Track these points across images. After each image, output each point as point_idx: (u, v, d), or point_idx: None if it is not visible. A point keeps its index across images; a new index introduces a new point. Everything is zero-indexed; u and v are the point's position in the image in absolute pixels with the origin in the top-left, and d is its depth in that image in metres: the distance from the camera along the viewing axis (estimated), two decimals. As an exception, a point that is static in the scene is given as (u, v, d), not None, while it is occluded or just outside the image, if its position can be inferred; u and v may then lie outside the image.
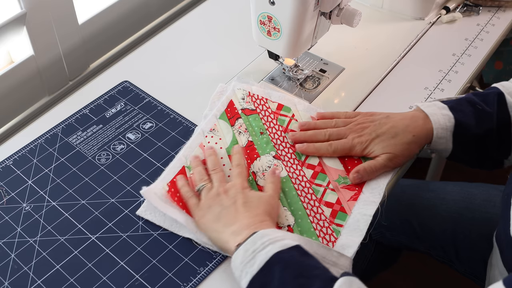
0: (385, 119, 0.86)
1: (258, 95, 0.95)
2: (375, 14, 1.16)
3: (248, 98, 0.95)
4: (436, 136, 0.84)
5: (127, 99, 0.98)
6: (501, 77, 1.51)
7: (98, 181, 0.85)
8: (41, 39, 0.98)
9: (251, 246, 0.68)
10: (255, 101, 0.94)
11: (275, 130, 0.90)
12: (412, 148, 0.85)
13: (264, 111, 0.93)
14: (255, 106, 0.94)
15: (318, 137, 0.88)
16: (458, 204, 1.05)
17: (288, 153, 0.87)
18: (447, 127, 0.84)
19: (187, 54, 1.08)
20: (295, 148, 0.88)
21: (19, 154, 0.89)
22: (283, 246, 0.67)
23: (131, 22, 1.15)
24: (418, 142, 0.85)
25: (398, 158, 0.84)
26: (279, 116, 0.93)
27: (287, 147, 0.88)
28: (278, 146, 0.88)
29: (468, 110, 0.85)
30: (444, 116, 0.85)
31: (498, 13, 1.16)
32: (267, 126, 0.91)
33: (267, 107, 0.94)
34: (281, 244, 0.67)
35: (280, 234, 0.70)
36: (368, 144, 0.85)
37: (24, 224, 0.80)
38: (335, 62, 1.05)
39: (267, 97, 0.95)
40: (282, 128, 0.91)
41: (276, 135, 0.90)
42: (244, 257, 0.68)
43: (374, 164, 0.83)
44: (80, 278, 0.74)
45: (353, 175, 0.83)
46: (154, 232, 0.79)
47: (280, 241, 0.68)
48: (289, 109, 0.94)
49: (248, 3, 0.91)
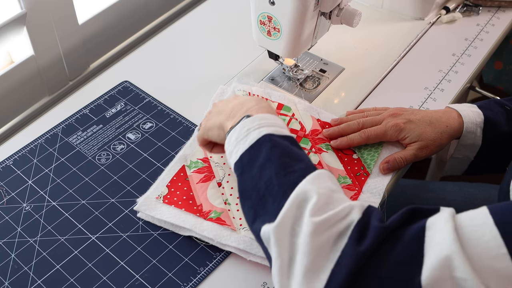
0: (418, 110, 0.88)
1: (258, 95, 0.95)
2: (375, 14, 1.16)
3: None
4: (466, 130, 0.85)
5: (127, 99, 0.98)
6: (501, 77, 1.50)
7: (98, 181, 0.85)
8: (41, 39, 0.98)
9: (247, 125, 0.70)
10: None
11: None
12: (443, 139, 0.85)
13: None
14: None
15: (352, 127, 0.88)
16: (459, 204, 1.05)
17: None
18: (476, 122, 0.85)
19: (187, 54, 1.08)
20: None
21: (19, 154, 0.89)
22: (277, 132, 0.69)
23: (131, 22, 1.16)
24: (450, 133, 0.85)
25: (429, 148, 0.85)
26: (279, 115, 0.93)
27: None
28: None
29: (497, 109, 0.87)
30: (473, 112, 0.86)
31: (498, 13, 1.16)
32: None
33: None
34: (276, 129, 0.69)
35: (280, 123, 0.71)
36: (403, 128, 0.85)
37: (24, 224, 0.80)
38: (335, 62, 1.05)
39: (267, 97, 0.95)
40: None
41: None
42: (239, 134, 0.70)
43: (404, 155, 0.84)
44: (80, 278, 0.74)
45: (383, 165, 0.84)
46: (154, 232, 0.79)
47: (276, 127, 0.69)
48: (289, 108, 0.94)
49: (248, 3, 0.91)
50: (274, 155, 0.66)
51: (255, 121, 0.70)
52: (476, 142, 0.86)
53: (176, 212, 0.79)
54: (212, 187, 0.83)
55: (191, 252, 0.77)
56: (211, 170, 0.85)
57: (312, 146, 0.88)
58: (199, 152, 0.87)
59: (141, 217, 0.80)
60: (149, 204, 0.80)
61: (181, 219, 0.78)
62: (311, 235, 0.58)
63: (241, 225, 0.78)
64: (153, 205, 0.80)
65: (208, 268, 0.75)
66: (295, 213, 0.60)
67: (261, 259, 0.75)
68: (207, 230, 0.77)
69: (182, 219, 0.78)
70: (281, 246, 0.59)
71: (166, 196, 0.81)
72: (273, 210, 0.62)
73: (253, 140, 0.68)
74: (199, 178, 0.84)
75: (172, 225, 0.79)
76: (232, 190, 0.82)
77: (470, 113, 0.86)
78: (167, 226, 0.79)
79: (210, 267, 0.75)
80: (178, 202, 0.80)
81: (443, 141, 0.85)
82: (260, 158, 0.66)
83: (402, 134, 0.85)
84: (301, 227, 0.59)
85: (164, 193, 0.82)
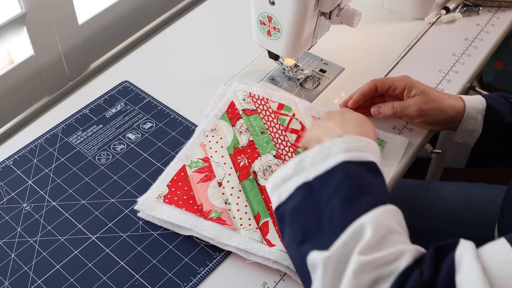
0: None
1: (259, 95, 0.95)
2: (375, 14, 1.16)
3: (249, 98, 0.95)
4: (467, 115, 0.86)
5: (127, 99, 0.98)
6: (501, 77, 1.50)
7: (98, 181, 0.85)
8: (41, 39, 0.98)
9: (328, 147, 0.68)
10: (255, 101, 0.95)
11: (275, 130, 0.90)
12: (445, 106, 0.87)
13: (264, 111, 0.93)
14: (255, 106, 0.94)
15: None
16: (459, 204, 1.05)
17: (289, 152, 0.87)
18: (478, 108, 0.86)
19: (187, 54, 1.08)
20: (296, 147, 0.88)
21: (19, 154, 0.89)
22: (356, 158, 0.68)
23: (131, 22, 1.15)
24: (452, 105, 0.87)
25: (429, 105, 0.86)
26: (280, 115, 0.93)
27: (288, 146, 0.88)
28: (278, 145, 0.88)
29: (501, 100, 0.88)
30: (476, 98, 0.87)
31: (498, 13, 1.16)
32: (268, 126, 0.91)
33: (268, 107, 0.94)
34: (356, 155, 0.68)
35: (367, 146, 0.70)
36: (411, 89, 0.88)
37: (24, 224, 0.80)
38: (335, 62, 1.05)
39: (268, 97, 0.95)
40: (282, 127, 0.91)
41: (276, 134, 0.90)
42: (318, 154, 0.69)
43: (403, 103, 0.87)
44: (80, 278, 0.74)
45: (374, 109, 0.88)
46: (154, 232, 0.79)
47: (358, 152, 0.68)
48: (289, 108, 0.94)
49: (248, 3, 0.91)
50: (345, 185, 0.64)
51: (338, 144, 0.69)
52: (476, 129, 0.87)
53: (177, 212, 0.79)
54: (213, 186, 0.83)
55: (191, 252, 0.77)
56: (211, 170, 0.85)
57: None
58: (199, 152, 0.87)
59: (142, 217, 0.80)
60: (150, 204, 0.80)
61: (182, 219, 0.78)
62: (354, 274, 0.57)
63: (241, 225, 0.78)
64: (153, 204, 0.80)
65: (208, 268, 0.75)
66: (347, 248, 0.59)
67: (261, 259, 0.75)
68: (208, 230, 0.77)
69: (183, 219, 0.78)
70: (326, 277, 0.59)
71: (166, 196, 0.81)
72: (328, 239, 0.61)
73: (329, 166, 0.67)
74: (199, 178, 0.84)
75: (172, 225, 0.79)
76: (232, 190, 0.82)
77: (472, 98, 0.87)
78: (168, 226, 0.79)
79: (210, 267, 0.75)
80: (179, 202, 0.80)
81: (444, 107, 0.86)
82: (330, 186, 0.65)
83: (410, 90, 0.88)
84: (348, 264, 0.58)
85: (165, 192, 0.82)
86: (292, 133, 0.90)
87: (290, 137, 0.90)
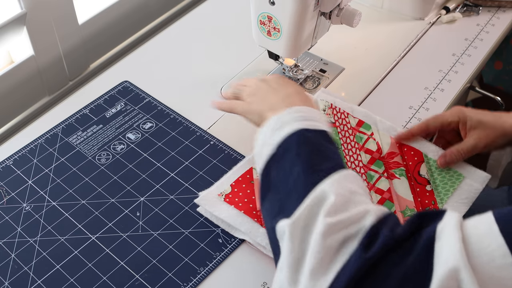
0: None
1: (340, 108, 0.91)
2: (375, 14, 1.16)
3: (329, 110, 0.90)
4: None
5: (127, 99, 0.98)
6: (501, 77, 1.50)
7: (98, 181, 0.85)
8: (41, 39, 0.98)
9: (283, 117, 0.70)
10: (335, 114, 0.90)
11: (350, 147, 0.86)
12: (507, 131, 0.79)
13: (343, 125, 0.89)
14: (334, 120, 0.90)
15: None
16: None
17: (359, 172, 0.83)
18: None
19: (187, 54, 1.08)
20: (367, 168, 0.83)
21: (19, 154, 0.89)
22: (311, 126, 0.69)
23: (131, 22, 1.15)
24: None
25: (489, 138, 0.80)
26: (358, 132, 0.88)
27: (359, 166, 0.84)
28: (350, 163, 0.84)
29: None
30: None
31: (498, 13, 1.16)
32: (343, 142, 0.87)
33: (347, 121, 0.89)
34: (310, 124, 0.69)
35: (317, 116, 0.71)
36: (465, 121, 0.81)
37: (24, 224, 0.80)
38: (335, 62, 1.05)
39: (349, 112, 0.90)
40: (358, 146, 0.86)
41: (350, 152, 0.86)
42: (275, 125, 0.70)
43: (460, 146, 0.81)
44: (80, 278, 0.74)
45: (440, 160, 0.82)
46: (154, 232, 0.79)
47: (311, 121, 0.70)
48: (369, 126, 0.89)
49: (248, 3, 0.91)
50: (305, 151, 0.66)
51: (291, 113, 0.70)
52: None
53: (235, 213, 0.78)
54: None
55: (191, 252, 0.77)
56: None
57: (385, 170, 0.83)
58: None
59: (201, 212, 0.80)
60: (210, 200, 0.79)
61: (238, 221, 0.77)
62: (323, 235, 0.57)
63: None
64: (213, 201, 0.79)
65: (208, 268, 0.75)
66: (311, 211, 0.60)
67: None
68: (261, 238, 0.76)
69: (239, 221, 0.77)
70: (294, 242, 0.59)
71: (228, 195, 0.80)
72: (294, 206, 0.62)
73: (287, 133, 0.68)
74: None
75: (228, 225, 0.78)
76: None
77: None
78: (223, 226, 0.78)
79: (210, 267, 0.75)
80: (239, 204, 0.79)
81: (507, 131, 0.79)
82: (292, 153, 0.66)
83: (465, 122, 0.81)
84: (314, 226, 0.59)
85: (227, 191, 0.81)
86: (366, 153, 0.85)
87: (364, 157, 0.85)
